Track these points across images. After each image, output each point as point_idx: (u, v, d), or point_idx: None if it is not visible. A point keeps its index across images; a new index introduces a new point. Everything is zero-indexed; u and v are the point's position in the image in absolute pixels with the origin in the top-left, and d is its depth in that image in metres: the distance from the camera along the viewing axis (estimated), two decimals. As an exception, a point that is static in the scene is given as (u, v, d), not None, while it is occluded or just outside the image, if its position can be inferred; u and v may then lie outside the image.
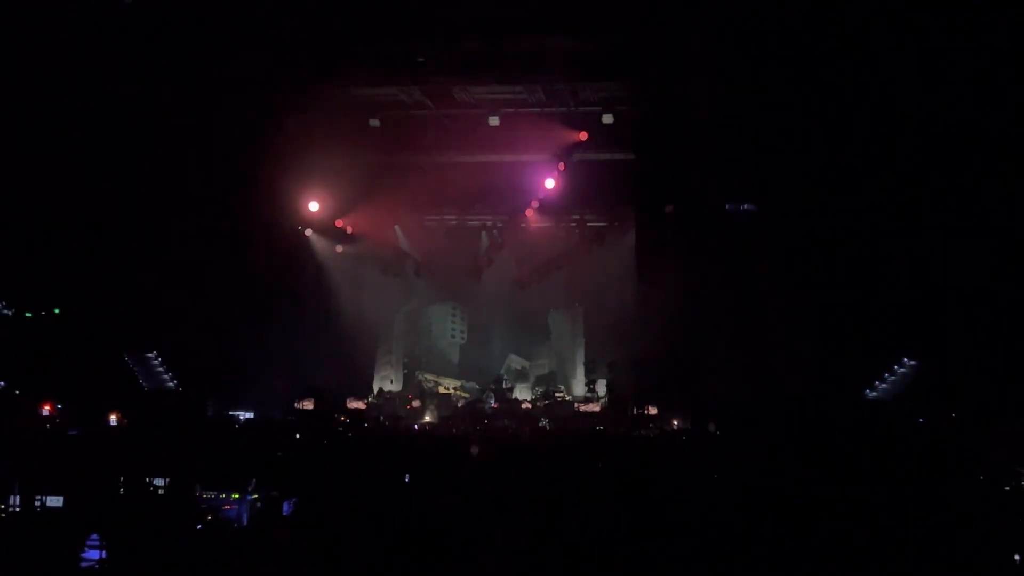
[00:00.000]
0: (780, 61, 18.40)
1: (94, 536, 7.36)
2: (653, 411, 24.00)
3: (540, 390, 27.21)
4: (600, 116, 22.31)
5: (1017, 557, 6.44)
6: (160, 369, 27.07)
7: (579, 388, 27.49)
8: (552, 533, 6.59)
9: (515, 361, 28.66)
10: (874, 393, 23.63)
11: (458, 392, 27.59)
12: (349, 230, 26.91)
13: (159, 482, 9.78)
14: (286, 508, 9.22)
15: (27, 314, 25.54)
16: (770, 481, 9.56)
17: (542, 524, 6.81)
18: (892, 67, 18.35)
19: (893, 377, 23.53)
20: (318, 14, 17.63)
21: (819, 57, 18.01)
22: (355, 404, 25.68)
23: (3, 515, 8.81)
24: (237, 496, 9.44)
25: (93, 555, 7.29)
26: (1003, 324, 20.36)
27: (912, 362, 23.07)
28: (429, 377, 28.12)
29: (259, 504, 9.52)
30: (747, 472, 10.38)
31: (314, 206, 24.46)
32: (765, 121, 19.94)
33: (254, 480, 9.65)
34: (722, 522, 7.28)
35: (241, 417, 23.36)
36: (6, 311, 25.39)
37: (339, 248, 27.21)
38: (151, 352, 27.01)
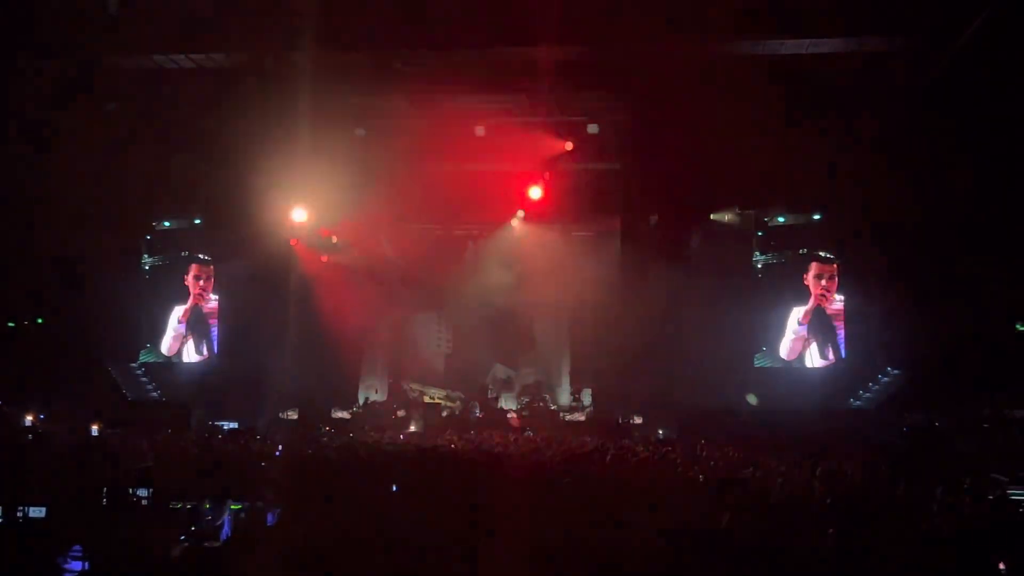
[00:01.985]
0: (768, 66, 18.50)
1: (77, 547, 7.32)
2: (639, 420, 24.05)
3: (526, 399, 27.20)
4: (585, 126, 22.36)
5: (1002, 566, 6.47)
6: (144, 379, 26.99)
7: (565, 397, 27.51)
8: (542, 545, 6.58)
9: (500, 370, 28.63)
10: (858, 402, 23.75)
11: (443, 402, 27.54)
12: (335, 239, 26.85)
13: (142, 492, 9.73)
14: (270, 519, 9.17)
15: (10, 324, 25.43)
16: (756, 490, 9.58)
17: (531, 536, 6.80)
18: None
19: (876, 386, 23.65)
20: (303, 23, 17.62)
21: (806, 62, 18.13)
22: (340, 414, 25.62)
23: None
24: (208, 506, 9.38)
25: (76, 566, 7.25)
26: (986, 332, 20.52)
27: (896, 371, 23.19)
28: (414, 387, 28.05)
29: (243, 515, 9.48)
30: (734, 480, 10.40)
31: (299, 215, 24.40)
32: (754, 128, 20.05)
33: (229, 491, 9.59)
34: (712, 532, 7.29)
35: (225, 427, 23.28)
36: (-12, 321, 25.26)
37: (325, 257, 27.14)
38: (135, 362, 26.96)
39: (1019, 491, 11.13)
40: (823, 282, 24.53)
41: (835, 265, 24.54)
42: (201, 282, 27.19)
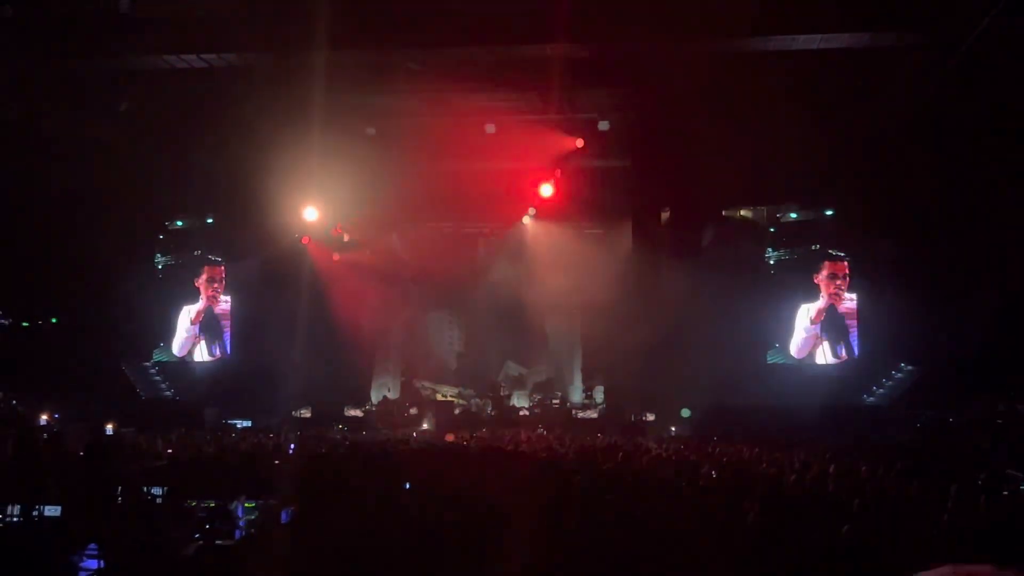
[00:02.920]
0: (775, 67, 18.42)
1: (92, 545, 7.35)
2: (651, 417, 24.04)
3: (538, 397, 27.20)
4: (596, 123, 22.34)
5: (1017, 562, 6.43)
6: (157, 378, 27.11)
7: (577, 395, 27.50)
8: (554, 543, 6.59)
9: (512, 368, 28.65)
10: (872, 398, 23.68)
11: (456, 399, 27.58)
12: (346, 238, 26.90)
13: (157, 491, 9.76)
14: (284, 517, 9.20)
15: (24, 324, 25.56)
16: (769, 487, 9.56)
17: (544, 534, 6.80)
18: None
19: (890, 383, 23.58)
20: (314, 22, 17.63)
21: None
22: (353, 412, 25.68)
23: (2, 525, 8.79)
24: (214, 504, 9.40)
25: (91, 564, 7.28)
26: (1000, 327, 20.42)
27: (909, 367, 23.11)
28: (427, 385, 28.11)
29: (257, 513, 9.50)
30: (745, 477, 10.39)
31: (311, 214, 24.46)
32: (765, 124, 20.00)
33: (243, 496, 9.61)
34: (722, 528, 7.28)
35: (239, 426, 23.37)
36: (3, 321, 25.40)
37: (336, 256, 27.20)
38: (148, 361, 27.08)
39: (1034, 487, 11.06)
40: (837, 281, 24.49)
41: (846, 263, 24.48)
42: (215, 284, 27.30)
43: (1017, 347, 20.06)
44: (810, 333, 24.65)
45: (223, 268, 27.43)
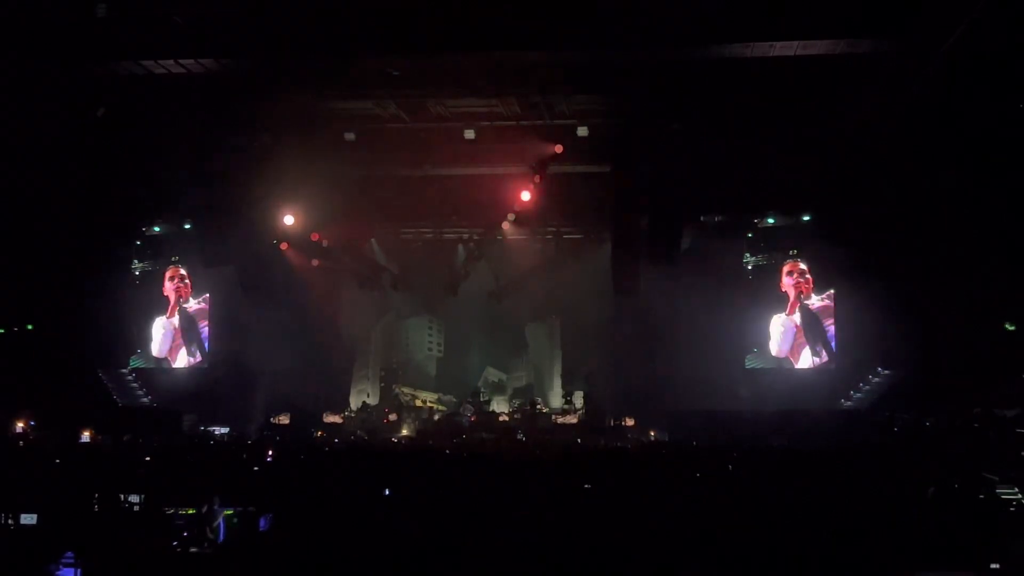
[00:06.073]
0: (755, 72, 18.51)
1: (69, 553, 7.30)
2: (631, 422, 24.06)
3: (517, 402, 27.19)
4: (575, 129, 22.37)
5: (995, 566, 6.49)
6: (134, 385, 26.89)
7: (556, 400, 27.50)
8: (533, 547, 6.59)
9: (492, 374, 28.64)
10: (849, 403, 23.79)
11: (435, 405, 27.54)
12: (325, 243, 26.75)
13: (134, 499, 9.71)
14: (263, 524, 9.16)
15: (0, 330, 25.32)
16: (749, 491, 9.61)
17: (523, 538, 6.80)
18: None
19: (867, 386, 23.70)
20: (293, 27, 17.59)
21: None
22: (332, 418, 25.58)
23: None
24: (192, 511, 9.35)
25: (68, 572, 7.23)
26: (976, 331, 20.58)
27: (887, 371, 23.24)
28: (406, 391, 28.04)
29: (235, 520, 9.46)
30: (726, 481, 10.44)
31: (289, 220, 24.36)
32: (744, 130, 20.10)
33: (217, 498, 9.55)
34: (704, 532, 7.30)
35: (217, 432, 23.24)
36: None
37: (315, 262, 27.05)
38: (125, 368, 26.86)
39: (1009, 490, 11.16)
40: (795, 276, 24.59)
41: (804, 264, 24.62)
42: (176, 282, 26.93)
43: (993, 351, 20.22)
44: (788, 333, 24.65)
45: (183, 268, 26.99)
